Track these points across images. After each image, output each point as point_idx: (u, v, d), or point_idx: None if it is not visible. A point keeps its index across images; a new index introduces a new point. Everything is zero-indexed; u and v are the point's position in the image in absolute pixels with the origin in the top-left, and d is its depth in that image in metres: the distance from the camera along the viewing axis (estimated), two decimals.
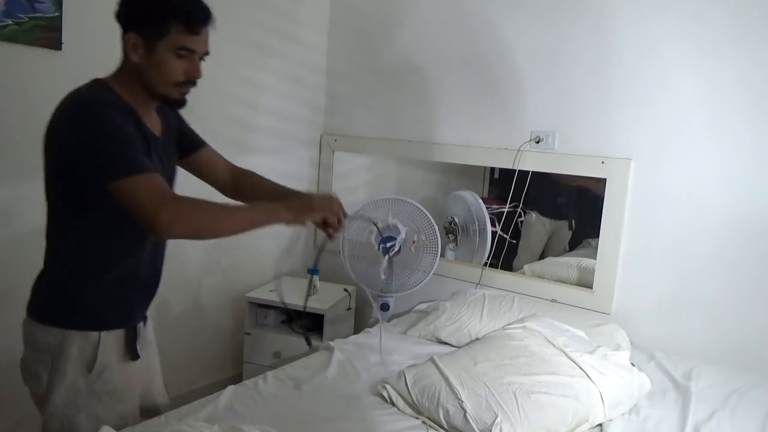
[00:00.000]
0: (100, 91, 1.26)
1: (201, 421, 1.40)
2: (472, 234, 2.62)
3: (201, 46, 1.29)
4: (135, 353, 1.37)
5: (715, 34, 1.99)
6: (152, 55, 1.25)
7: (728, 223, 2.00)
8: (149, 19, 1.24)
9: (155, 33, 1.24)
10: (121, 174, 1.16)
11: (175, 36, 1.24)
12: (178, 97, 1.33)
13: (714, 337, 2.04)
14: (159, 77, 1.27)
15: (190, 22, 1.25)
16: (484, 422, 1.42)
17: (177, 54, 1.26)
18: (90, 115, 1.20)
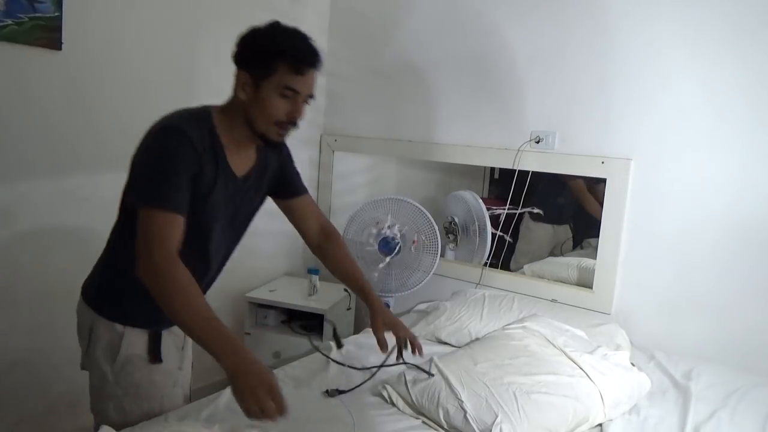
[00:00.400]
0: (193, 121, 1.30)
1: (202, 421, 1.40)
2: (472, 234, 2.62)
3: (305, 87, 1.32)
4: (157, 356, 1.42)
5: (715, 35, 1.99)
6: (258, 93, 1.30)
7: (728, 223, 2.00)
8: (258, 57, 1.30)
9: (262, 71, 1.29)
10: (144, 202, 1.23)
11: (281, 75, 1.28)
12: (276, 137, 1.35)
13: (714, 337, 2.04)
14: (261, 115, 1.31)
15: (297, 63, 1.29)
16: (484, 422, 1.41)
17: (281, 93, 1.29)
18: (158, 139, 1.27)
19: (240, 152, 1.39)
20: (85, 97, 2.06)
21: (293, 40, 1.31)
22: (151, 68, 2.24)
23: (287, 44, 1.30)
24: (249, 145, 1.40)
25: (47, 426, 2.09)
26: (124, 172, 2.19)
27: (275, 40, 1.31)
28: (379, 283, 2.47)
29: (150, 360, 1.41)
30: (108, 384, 1.40)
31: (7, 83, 1.86)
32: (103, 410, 1.42)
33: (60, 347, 2.09)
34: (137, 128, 2.21)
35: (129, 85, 2.18)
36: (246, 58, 1.32)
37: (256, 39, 1.32)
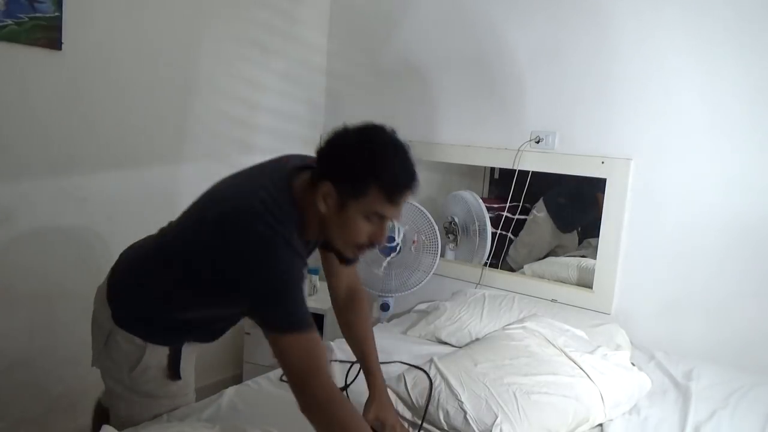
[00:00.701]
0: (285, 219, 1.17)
1: (203, 421, 1.40)
2: (472, 234, 2.62)
3: (396, 214, 1.21)
4: (176, 374, 1.41)
5: (716, 34, 1.99)
6: (342, 212, 1.18)
7: (728, 223, 2.00)
8: (350, 176, 1.16)
9: (352, 191, 1.16)
10: (287, 329, 1.13)
11: (372, 200, 1.16)
12: (352, 256, 1.28)
13: (714, 337, 2.04)
14: (341, 234, 1.22)
15: (393, 192, 1.17)
16: (485, 423, 1.41)
17: (368, 217, 1.19)
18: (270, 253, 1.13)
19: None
20: (85, 97, 2.06)
21: (394, 164, 1.17)
22: (151, 68, 2.24)
23: (387, 169, 1.15)
24: None
25: (47, 426, 2.09)
26: (123, 172, 2.21)
27: (374, 162, 1.15)
28: (379, 283, 2.47)
29: (169, 376, 1.40)
30: (122, 386, 1.40)
31: (7, 83, 1.86)
32: (115, 406, 1.43)
33: (60, 347, 2.09)
34: (137, 128, 2.23)
35: (129, 85, 2.18)
36: (336, 170, 1.17)
37: (350, 153, 1.17)
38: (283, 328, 1.13)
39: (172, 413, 1.43)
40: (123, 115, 2.18)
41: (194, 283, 1.25)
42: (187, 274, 1.26)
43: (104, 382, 1.46)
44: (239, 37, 2.54)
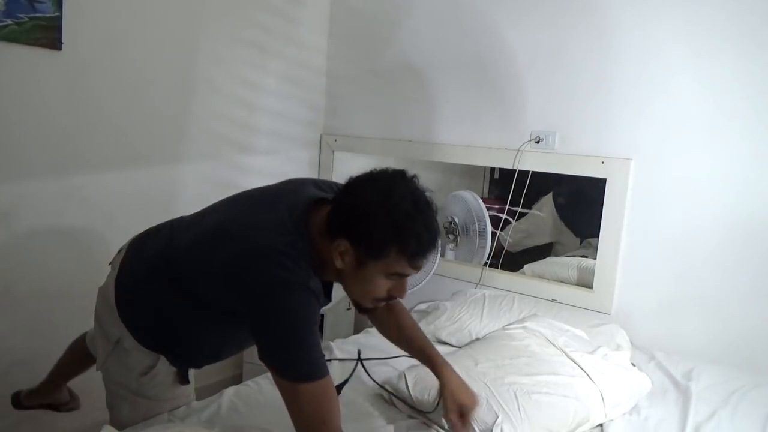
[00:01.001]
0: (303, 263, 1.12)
1: (203, 421, 1.40)
2: (472, 234, 2.62)
3: (416, 272, 1.19)
4: (185, 379, 1.42)
5: (715, 34, 1.99)
6: (360, 270, 1.14)
7: (728, 223, 2.00)
8: (371, 239, 1.11)
9: (371, 253, 1.12)
10: (299, 378, 1.10)
11: (392, 263, 1.13)
12: (371, 306, 1.23)
13: (714, 337, 2.04)
14: (359, 290, 1.19)
15: (415, 257, 1.13)
16: (485, 423, 1.41)
17: (388, 276, 1.15)
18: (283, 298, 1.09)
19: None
20: (85, 97, 2.06)
21: (416, 228, 1.11)
22: (151, 68, 2.24)
23: (408, 233, 1.10)
24: None
25: (47, 426, 2.09)
26: (124, 172, 2.21)
27: (394, 225, 1.09)
28: None
29: (179, 381, 1.41)
30: (127, 390, 1.39)
31: (7, 83, 1.86)
32: (117, 407, 1.42)
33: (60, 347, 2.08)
34: (137, 128, 2.23)
35: (129, 85, 2.17)
36: (355, 230, 1.11)
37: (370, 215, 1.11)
38: (295, 377, 1.10)
39: (173, 413, 1.43)
40: (123, 115, 2.18)
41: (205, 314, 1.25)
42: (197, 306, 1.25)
43: (106, 385, 1.44)
44: (239, 38, 2.54)
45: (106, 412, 1.47)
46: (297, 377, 1.10)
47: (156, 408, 1.41)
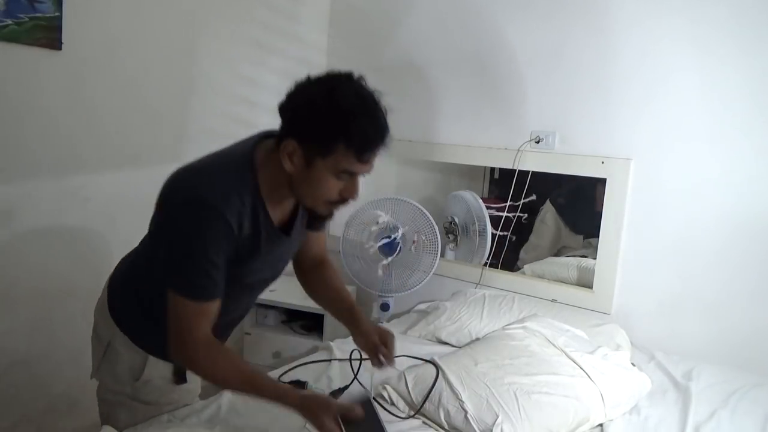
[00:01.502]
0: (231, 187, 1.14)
1: (203, 422, 1.40)
2: (472, 234, 2.62)
3: (367, 170, 1.17)
4: (183, 378, 1.40)
5: (716, 34, 1.99)
6: (309, 170, 1.12)
7: (728, 223, 2.01)
8: (317, 135, 1.10)
9: (319, 150, 1.10)
10: (176, 290, 1.15)
11: (340, 158, 1.10)
12: (325, 212, 1.21)
13: (714, 337, 2.04)
14: (310, 192, 1.16)
15: (363, 150, 1.11)
16: (485, 423, 1.42)
17: (337, 175, 1.13)
18: (187, 216, 1.11)
19: (285, 203, 1.26)
20: (85, 97, 2.06)
21: (361, 119, 1.10)
22: (151, 68, 2.24)
23: (353, 125, 1.09)
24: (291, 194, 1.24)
25: (47, 426, 2.09)
26: (124, 172, 2.20)
27: (338, 118, 1.08)
28: (379, 283, 2.47)
29: (175, 381, 1.39)
30: (125, 398, 1.37)
31: (7, 83, 1.86)
32: (114, 417, 1.39)
33: (60, 347, 2.09)
34: (138, 128, 2.23)
35: (129, 84, 2.17)
36: (300, 128, 1.12)
37: (313, 109, 1.10)
38: (179, 290, 1.14)
39: (173, 413, 1.42)
40: (123, 114, 2.18)
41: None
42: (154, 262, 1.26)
43: (101, 397, 1.42)
44: (239, 36, 2.54)
45: None
46: (177, 290, 1.14)
47: (154, 412, 1.39)
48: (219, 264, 1.14)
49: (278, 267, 1.39)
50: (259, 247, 1.21)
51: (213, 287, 1.15)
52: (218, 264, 1.14)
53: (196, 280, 1.13)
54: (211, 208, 1.10)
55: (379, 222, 2.41)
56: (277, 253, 1.30)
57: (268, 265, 1.31)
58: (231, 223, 1.12)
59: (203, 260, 1.12)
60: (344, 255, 2.50)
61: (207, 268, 1.13)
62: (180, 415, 1.42)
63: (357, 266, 2.49)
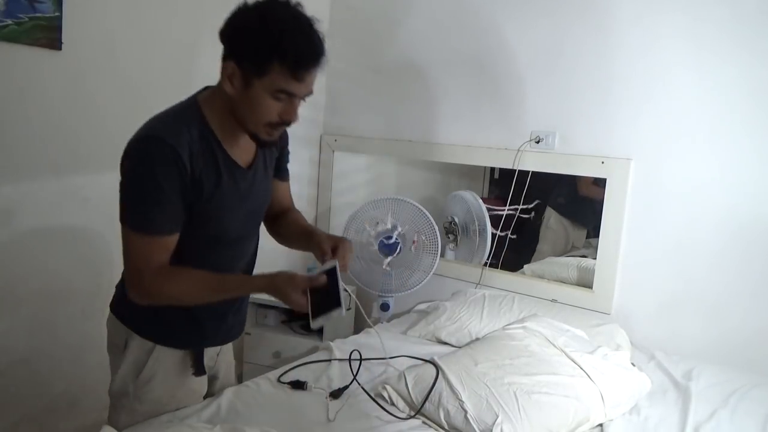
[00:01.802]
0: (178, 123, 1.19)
1: (203, 421, 1.40)
2: (472, 234, 2.62)
3: (303, 90, 1.18)
4: (202, 370, 1.42)
5: (716, 34, 1.99)
6: (248, 91, 1.16)
7: (728, 223, 2.01)
8: (252, 54, 1.13)
9: (255, 69, 1.13)
10: (129, 225, 1.18)
11: (276, 77, 1.13)
12: (267, 137, 1.23)
13: (714, 337, 2.04)
14: (250, 115, 1.19)
15: (297, 67, 1.13)
16: (485, 422, 1.42)
17: (274, 95, 1.16)
18: (137, 151, 1.17)
19: (240, 141, 1.28)
20: (85, 97, 2.06)
21: (294, 37, 1.12)
22: (151, 68, 2.24)
23: (286, 42, 1.11)
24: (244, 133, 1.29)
25: (47, 426, 2.09)
26: None
27: (272, 36, 1.11)
28: (379, 283, 2.47)
29: (194, 374, 1.41)
30: (127, 398, 1.38)
31: (7, 83, 1.86)
32: (115, 418, 1.40)
33: (60, 347, 2.09)
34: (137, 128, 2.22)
35: (129, 84, 2.17)
36: (237, 49, 1.15)
37: (248, 28, 1.14)
38: (136, 226, 1.17)
39: (173, 413, 1.42)
40: (124, 114, 2.17)
41: None
42: None
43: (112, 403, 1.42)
44: None
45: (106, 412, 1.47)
46: (130, 225, 1.18)
47: (154, 414, 1.40)
48: (171, 197, 1.17)
49: (252, 219, 1.40)
50: (221, 180, 1.24)
51: (166, 221, 1.18)
52: (171, 197, 1.17)
53: (149, 213, 1.16)
54: (158, 139, 1.15)
55: (379, 222, 2.41)
56: (250, 195, 1.33)
57: (241, 216, 1.33)
58: (180, 153, 1.15)
59: (154, 191, 1.15)
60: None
61: (159, 200, 1.16)
62: (180, 415, 1.42)
63: (357, 266, 2.49)
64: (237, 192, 1.29)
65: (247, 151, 1.33)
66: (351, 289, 2.73)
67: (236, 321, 1.51)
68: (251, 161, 1.34)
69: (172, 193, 1.16)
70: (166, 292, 1.21)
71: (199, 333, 1.40)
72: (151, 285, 1.20)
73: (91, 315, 2.16)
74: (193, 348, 1.41)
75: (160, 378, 1.37)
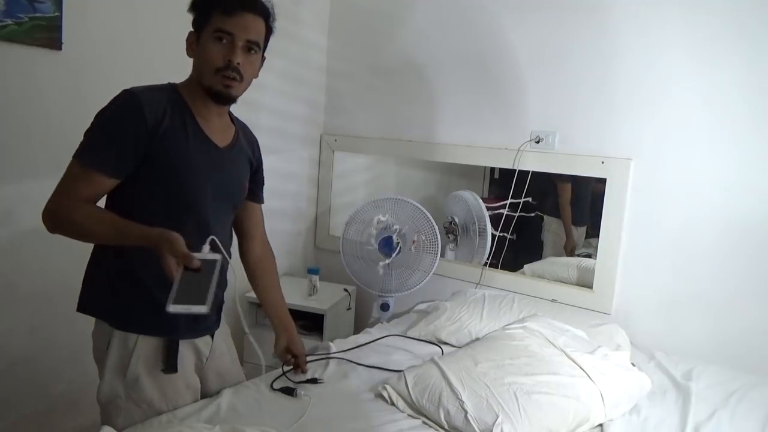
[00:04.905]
0: (154, 89, 1.33)
1: (202, 422, 1.40)
2: (472, 234, 2.62)
3: (238, 29, 1.30)
4: (173, 366, 1.39)
5: (715, 36, 1.99)
6: (200, 45, 1.32)
7: (728, 223, 2.01)
8: (198, 12, 1.33)
9: (201, 22, 1.31)
10: (75, 155, 1.26)
11: (214, 21, 1.29)
12: (221, 88, 1.32)
13: (714, 336, 2.04)
14: (202, 65, 1.32)
15: (227, 6, 1.29)
16: (485, 423, 1.42)
17: (216, 38, 1.29)
18: (108, 104, 1.28)
19: (214, 122, 1.39)
20: (85, 97, 2.05)
21: None
22: (151, 68, 2.23)
23: None
24: (222, 115, 1.42)
25: (47, 426, 2.09)
26: None
27: None
28: (379, 283, 2.47)
29: (164, 370, 1.38)
30: (119, 399, 1.37)
31: (7, 83, 1.86)
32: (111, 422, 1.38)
33: (60, 346, 2.09)
34: None
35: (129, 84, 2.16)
36: (193, 15, 1.34)
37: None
38: (78, 155, 1.26)
39: (173, 413, 1.42)
40: None
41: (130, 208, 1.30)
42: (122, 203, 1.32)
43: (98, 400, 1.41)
44: None
45: None
46: (76, 155, 1.26)
47: (152, 415, 1.39)
48: (123, 140, 1.25)
49: (223, 201, 1.43)
50: (187, 142, 1.32)
51: (107, 159, 1.25)
52: (122, 140, 1.25)
53: (96, 148, 1.25)
54: (128, 92, 1.28)
55: (379, 222, 2.41)
56: (220, 173, 1.39)
57: (209, 189, 1.37)
58: (142, 105, 1.26)
59: (108, 130, 1.25)
60: (344, 255, 2.50)
61: (110, 139, 1.25)
62: (180, 415, 1.42)
63: (357, 266, 2.49)
64: (205, 161, 1.35)
65: (223, 135, 1.43)
66: (351, 289, 2.73)
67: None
68: (229, 144, 1.44)
69: (124, 137, 1.25)
70: (75, 220, 1.24)
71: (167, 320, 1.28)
72: (64, 210, 1.24)
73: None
74: (170, 336, 1.38)
75: (145, 374, 1.36)
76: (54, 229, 1.26)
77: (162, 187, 1.30)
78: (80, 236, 1.27)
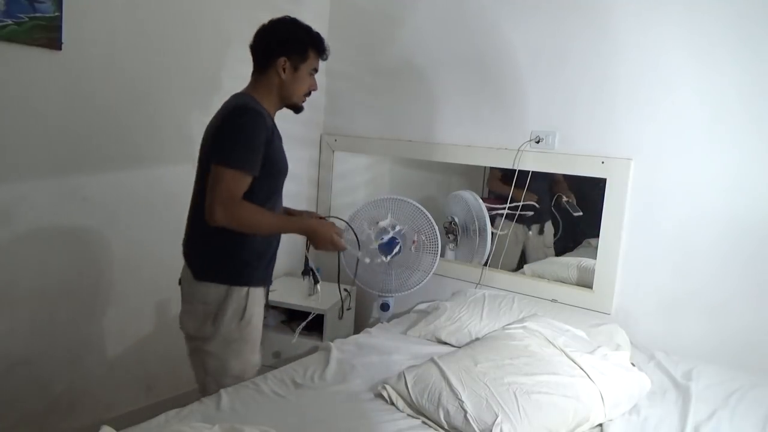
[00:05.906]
0: (255, 102, 1.66)
1: (201, 421, 1.40)
2: (472, 234, 2.62)
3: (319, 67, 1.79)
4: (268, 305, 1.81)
5: (715, 37, 1.99)
6: (296, 74, 1.72)
7: (728, 223, 2.00)
8: (298, 46, 1.70)
9: (300, 58, 1.71)
10: (231, 164, 1.54)
11: (311, 60, 1.74)
12: (302, 103, 1.79)
13: (714, 336, 2.04)
14: (297, 90, 1.74)
15: (322, 51, 1.76)
16: (485, 422, 1.42)
17: (311, 73, 1.75)
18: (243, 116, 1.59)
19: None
20: (85, 97, 2.06)
21: (314, 33, 1.74)
22: (151, 68, 2.24)
23: (315, 37, 1.74)
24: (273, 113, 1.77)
25: (47, 426, 2.09)
26: (124, 172, 2.21)
27: (306, 34, 1.72)
28: (379, 283, 2.47)
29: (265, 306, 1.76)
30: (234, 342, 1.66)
31: (7, 83, 1.86)
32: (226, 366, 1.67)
33: (61, 347, 2.09)
34: (137, 128, 2.23)
35: (129, 84, 2.18)
36: (285, 47, 1.69)
37: (290, 34, 1.71)
38: (232, 163, 1.54)
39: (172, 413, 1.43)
40: (123, 115, 2.18)
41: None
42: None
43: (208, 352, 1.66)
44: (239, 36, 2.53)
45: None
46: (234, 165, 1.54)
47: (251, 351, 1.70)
48: (261, 147, 1.60)
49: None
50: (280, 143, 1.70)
51: (255, 163, 1.58)
52: (261, 147, 1.60)
53: (249, 156, 1.57)
54: (258, 112, 1.62)
55: (379, 222, 2.40)
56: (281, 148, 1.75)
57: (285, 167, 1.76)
58: (267, 120, 1.64)
59: (255, 141, 1.58)
60: (344, 254, 2.50)
61: (254, 147, 1.58)
62: (180, 415, 1.42)
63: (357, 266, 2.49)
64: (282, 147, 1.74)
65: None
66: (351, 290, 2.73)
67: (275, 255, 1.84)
68: None
69: (260, 144, 1.59)
70: (244, 219, 1.57)
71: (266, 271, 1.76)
72: (239, 211, 1.55)
73: (91, 315, 2.16)
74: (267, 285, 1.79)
75: (256, 319, 1.69)
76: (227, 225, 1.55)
77: (268, 178, 1.64)
78: (247, 230, 1.61)
